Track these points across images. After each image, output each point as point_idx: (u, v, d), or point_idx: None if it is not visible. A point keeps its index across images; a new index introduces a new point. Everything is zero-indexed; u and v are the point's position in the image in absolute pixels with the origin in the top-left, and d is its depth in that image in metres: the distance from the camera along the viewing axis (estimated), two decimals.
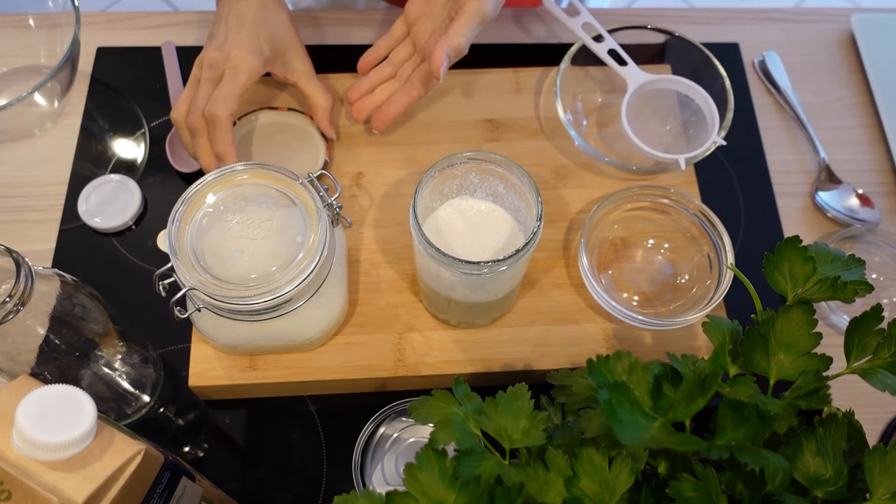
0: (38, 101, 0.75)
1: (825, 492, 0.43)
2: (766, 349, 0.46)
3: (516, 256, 0.53)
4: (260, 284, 0.53)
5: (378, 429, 0.60)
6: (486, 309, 0.63)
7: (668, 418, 0.42)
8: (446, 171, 0.58)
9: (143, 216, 0.73)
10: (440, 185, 0.60)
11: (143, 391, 0.64)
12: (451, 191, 0.61)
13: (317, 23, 0.85)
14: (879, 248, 0.73)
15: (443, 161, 0.57)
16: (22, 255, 0.46)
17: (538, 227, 0.54)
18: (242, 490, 0.62)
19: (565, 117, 0.72)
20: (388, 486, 0.59)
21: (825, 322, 0.70)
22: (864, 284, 0.47)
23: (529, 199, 0.57)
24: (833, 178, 0.77)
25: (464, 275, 0.54)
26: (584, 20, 0.74)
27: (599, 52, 0.74)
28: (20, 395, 0.39)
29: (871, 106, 0.82)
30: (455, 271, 0.54)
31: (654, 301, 0.68)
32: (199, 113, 0.64)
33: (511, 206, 0.61)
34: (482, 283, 0.57)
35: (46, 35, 0.78)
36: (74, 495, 0.38)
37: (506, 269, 0.54)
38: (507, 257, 0.53)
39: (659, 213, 0.69)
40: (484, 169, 0.59)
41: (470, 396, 0.47)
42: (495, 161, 0.57)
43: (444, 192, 0.61)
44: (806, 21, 0.88)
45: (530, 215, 0.57)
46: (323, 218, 0.55)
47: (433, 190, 0.59)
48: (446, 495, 0.41)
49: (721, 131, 0.71)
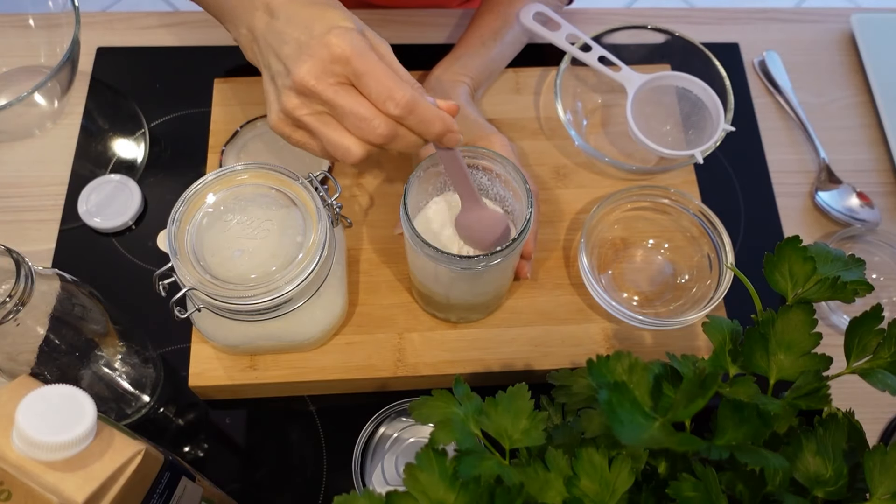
0: (38, 101, 0.75)
1: (825, 492, 0.43)
2: (766, 349, 0.46)
3: (512, 246, 0.53)
4: (260, 284, 0.53)
5: (378, 429, 0.60)
6: (485, 301, 0.63)
7: (668, 418, 0.42)
8: (431, 170, 0.57)
9: (143, 216, 0.73)
10: (426, 185, 0.59)
11: (143, 391, 0.64)
12: (435, 189, 0.61)
13: None
14: (879, 248, 0.73)
15: (427, 161, 0.56)
16: (22, 255, 0.46)
17: (530, 214, 0.54)
18: (242, 490, 0.62)
19: (565, 117, 0.72)
20: (388, 486, 0.59)
21: (825, 322, 0.70)
22: (864, 284, 0.47)
23: (517, 187, 0.56)
24: (833, 178, 0.77)
25: (462, 270, 0.54)
26: (567, 32, 0.74)
27: (590, 62, 0.73)
28: (20, 395, 0.39)
29: (871, 106, 0.82)
30: (454, 268, 0.54)
31: (654, 301, 0.68)
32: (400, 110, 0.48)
33: (497, 196, 0.61)
34: (481, 274, 0.57)
35: (46, 35, 0.78)
36: (74, 495, 0.38)
37: (500, 260, 0.54)
38: (504, 248, 0.53)
39: (659, 213, 0.69)
40: (468, 163, 0.57)
41: (470, 396, 0.47)
42: (477, 154, 0.57)
43: (430, 191, 0.61)
44: (806, 21, 0.88)
45: (519, 204, 0.57)
46: (323, 218, 0.55)
47: (419, 189, 0.59)
48: (446, 495, 0.41)
49: (727, 118, 0.71)
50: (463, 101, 0.69)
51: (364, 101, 0.48)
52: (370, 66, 0.47)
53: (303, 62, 0.48)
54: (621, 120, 0.73)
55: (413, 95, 0.48)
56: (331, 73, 0.48)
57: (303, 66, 0.48)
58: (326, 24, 0.49)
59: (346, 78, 0.48)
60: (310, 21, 0.49)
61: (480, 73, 0.73)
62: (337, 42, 0.47)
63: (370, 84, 0.48)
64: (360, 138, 0.50)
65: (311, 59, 0.48)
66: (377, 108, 0.48)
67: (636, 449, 0.43)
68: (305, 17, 0.50)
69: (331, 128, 0.50)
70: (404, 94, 0.47)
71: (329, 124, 0.50)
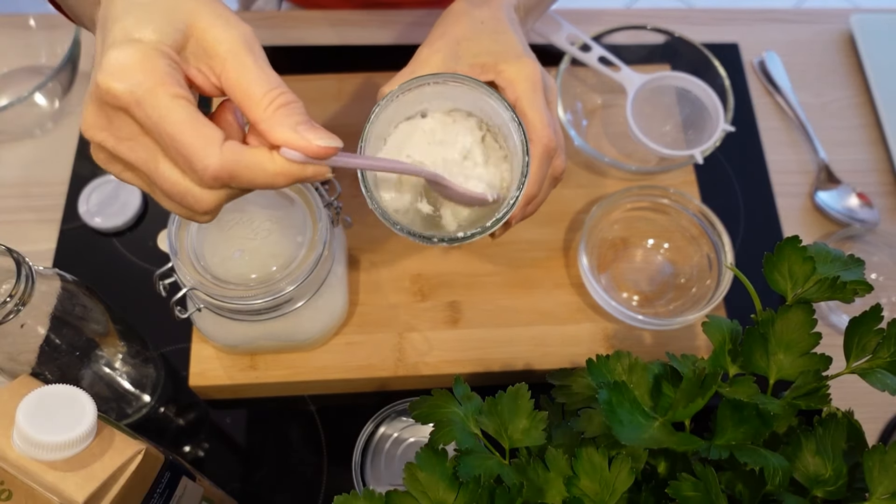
0: (38, 101, 0.75)
1: (825, 491, 0.43)
2: (766, 349, 0.46)
3: (491, 226, 0.45)
4: (260, 284, 0.53)
5: (378, 429, 0.60)
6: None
7: (668, 418, 0.42)
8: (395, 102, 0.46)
9: (144, 216, 0.73)
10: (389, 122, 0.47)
11: (144, 391, 0.64)
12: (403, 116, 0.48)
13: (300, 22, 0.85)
14: (879, 248, 0.73)
15: (405, 84, 0.46)
16: (22, 255, 0.46)
17: (523, 178, 0.45)
18: (242, 490, 0.62)
19: (565, 117, 0.72)
20: (388, 486, 0.59)
21: (825, 322, 0.70)
22: (864, 284, 0.47)
23: (502, 113, 0.46)
24: (832, 178, 0.77)
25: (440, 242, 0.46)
26: (567, 32, 0.74)
27: (590, 62, 0.73)
28: (21, 394, 0.39)
29: (870, 106, 0.82)
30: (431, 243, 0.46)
31: (653, 301, 0.68)
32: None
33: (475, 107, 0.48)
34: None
35: (47, 35, 0.78)
36: (75, 495, 0.38)
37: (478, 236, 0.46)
38: (475, 232, 0.45)
39: (659, 213, 0.70)
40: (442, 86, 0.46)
41: (470, 396, 0.47)
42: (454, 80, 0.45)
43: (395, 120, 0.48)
44: (806, 21, 0.88)
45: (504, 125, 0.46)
46: (323, 217, 0.55)
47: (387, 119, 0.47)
48: (446, 495, 0.42)
49: (726, 118, 0.71)
50: (504, 14, 0.54)
51: (168, 165, 0.35)
52: (153, 120, 0.34)
53: (84, 106, 0.35)
54: (621, 120, 0.73)
55: (222, 163, 0.34)
56: (117, 125, 0.35)
57: (84, 113, 0.35)
58: (115, 41, 0.34)
59: (139, 129, 0.35)
60: (110, 28, 0.35)
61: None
62: (107, 80, 0.33)
63: (164, 147, 0.35)
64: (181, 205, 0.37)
65: (91, 103, 0.35)
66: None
67: (636, 449, 0.43)
68: (112, 18, 0.35)
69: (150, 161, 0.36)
70: (206, 165, 0.34)
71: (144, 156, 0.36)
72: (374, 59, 0.81)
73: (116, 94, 0.33)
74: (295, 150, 0.35)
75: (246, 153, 0.35)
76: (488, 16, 0.53)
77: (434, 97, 0.48)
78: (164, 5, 0.35)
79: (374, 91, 0.47)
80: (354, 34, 0.84)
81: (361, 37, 0.84)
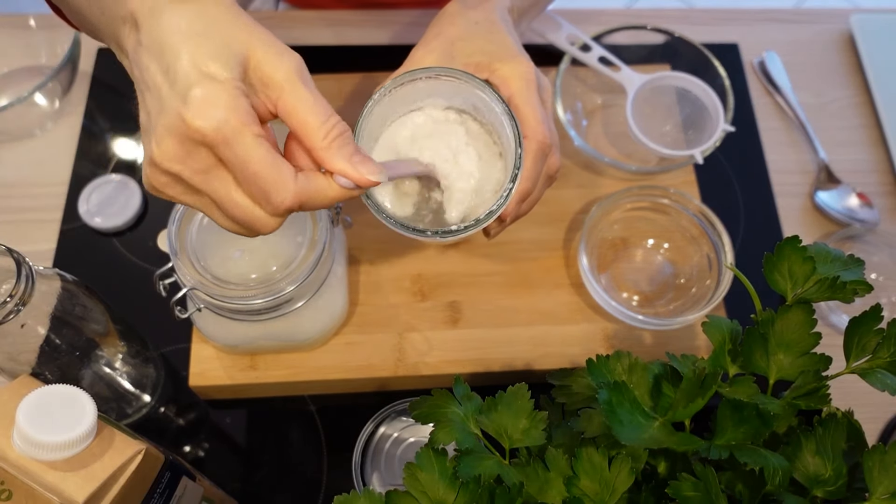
0: (38, 101, 0.75)
1: (824, 491, 0.43)
2: (766, 349, 0.46)
3: (479, 223, 0.46)
4: (260, 284, 0.53)
5: (378, 429, 0.60)
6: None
7: (668, 418, 0.42)
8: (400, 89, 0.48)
9: (144, 216, 0.73)
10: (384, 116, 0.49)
11: (144, 391, 0.64)
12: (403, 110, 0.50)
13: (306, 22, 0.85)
14: (879, 248, 0.73)
15: (399, 78, 0.47)
16: (22, 255, 0.46)
17: (516, 171, 0.46)
18: (242, 490, 0.62)
19: (565, 117, 0.72)
20: (388, 486, 0.59)
21: (825, 322, 0.70)
22: (864, 284, 0.47)
23: (494, 106, 0.47)
24: (832, 178, 0.77)
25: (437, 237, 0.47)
26: (567, 32, 0.74)
27: (590, 62, 0.74)
28: (21, 394, 0.39)
29: (870, 106, 0.82)
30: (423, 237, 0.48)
31: (653, 301, 0.68)
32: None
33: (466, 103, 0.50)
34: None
35: (47, 35, 0.78)
36: (75, 495, 0.38)
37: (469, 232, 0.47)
38: (464, 227, 0.46)
39: (658, 213, 0.70)
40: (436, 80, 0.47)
41: (470, 396, 0.47)
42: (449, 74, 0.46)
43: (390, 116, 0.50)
44: (806, 21, 0.88)
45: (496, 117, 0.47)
46: (323, 217, 0.55)
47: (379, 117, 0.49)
48: (446, 495, 0.42)
49: (726, 118, 0.71)
50: (497, 16, 0.56)
51: (240, 194, 0.39)
52: (238, 158, 0.37)
53: (162, 138, 0.37)
54: (621, 120, 0.73)
55: (296, 196, 0.38)
56: (195, 158, 0.37)
57: (162, 144, 0.37)
58: (190, 76, 0.36)
59: (215, 161, 0.38)
60: (173, 59, 0.37)
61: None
62: (195, 118, 0.36)
63: (241, 180, 0.38)
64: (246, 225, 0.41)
65: (170, 136, 0.37)
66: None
67: (636, 449, 0.43)
68: (170, 48, 0.37)
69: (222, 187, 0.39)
70: (283, 199, 0.38)
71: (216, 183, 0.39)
72: (372, 59, 0.81)
73: (204, 133, 0.36)
74: (350, 181, 0.40)
75: (311, 183, 0.39)
76: (482, 17, 0.54)
77: (427, 94, 0.48)
78: (222, 37, 0.37)
79: (372, 90, 0.48)
80: (352, 34, 0.84)
81: (359, 37, 0.84)
